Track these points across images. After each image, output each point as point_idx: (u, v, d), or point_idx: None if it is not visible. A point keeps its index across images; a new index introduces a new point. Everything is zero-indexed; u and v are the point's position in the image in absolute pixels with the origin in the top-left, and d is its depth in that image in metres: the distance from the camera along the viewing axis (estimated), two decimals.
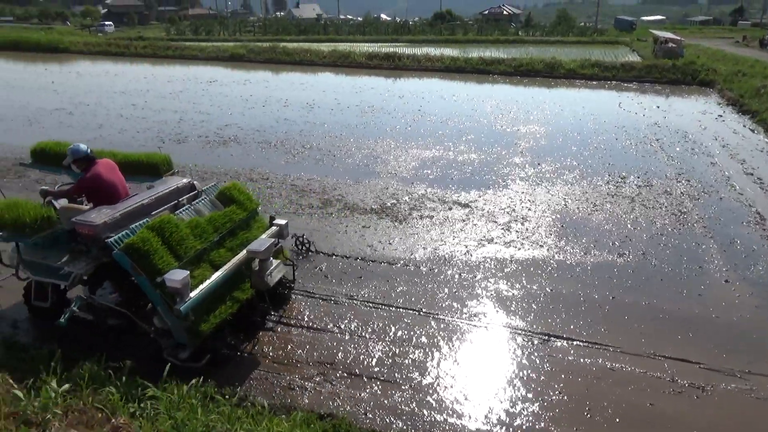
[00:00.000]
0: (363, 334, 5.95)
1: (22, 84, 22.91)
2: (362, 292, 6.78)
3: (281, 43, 36.03)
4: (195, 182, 6.44)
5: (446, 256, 7.79)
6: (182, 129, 15.08)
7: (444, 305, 6.53)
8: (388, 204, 9.70)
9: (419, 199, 9.97)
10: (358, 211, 9.36)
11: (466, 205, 9.67)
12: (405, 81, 25.52)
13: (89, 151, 5.86)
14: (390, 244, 8.16)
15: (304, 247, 7.83)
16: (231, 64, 31.07)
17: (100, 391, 4.33)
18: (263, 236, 6.04)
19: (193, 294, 5.02)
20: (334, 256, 7.73)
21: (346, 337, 5.89)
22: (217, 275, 5.36)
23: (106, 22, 78.31)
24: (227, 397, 4.81)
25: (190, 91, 21.54)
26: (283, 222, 6.49)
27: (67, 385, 4.09)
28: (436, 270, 7.38)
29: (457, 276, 7.23)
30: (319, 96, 20.49)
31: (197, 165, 11.78)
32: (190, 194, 6.25)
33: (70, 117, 16.54)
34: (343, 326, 6.09)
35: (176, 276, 4.89)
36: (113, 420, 3.92)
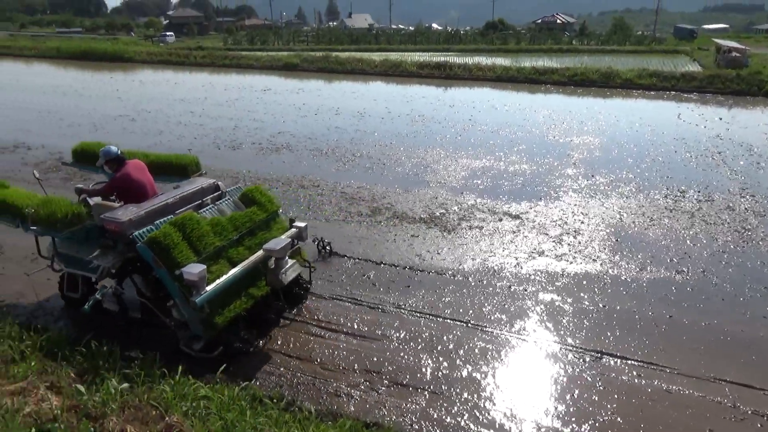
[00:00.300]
0: (410, 343, 5.93)
1: (89, 91, 24.08)
2: (410, 302, 6.77)
3: (334, 53, 36.59)
4: (220, 183, 6.70)
5: (495, 267, 7.69)
6: (237, 136, 15.50)
7: (493, 318, 6.44)
8: (437, 213, 9.67)
9: (469, 209, 9.89)
10: (406, 220, 9.37)
11: (516, 217, 9.53)
12: (456, 90, 25.45)
13: (120, 152, 6.26)
14: (438, 254, 8.12)
15: (324, 250, 8.00)
16: (285, 73, 31.76)
17: (155, 388, 4.46)
18: (282, 237, 6.18)
19: (209, 288, 5.24)
20: (382, 264, 7.74)
21: (393, 346, 5.88)
22: (233, 271, 5.56)
23: (168, 33, 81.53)
24: (275, 401, 4.88)
25: (245, 99, 22.13)
26: (302, 224, 6.64)
27: (126, 384, 4.26)
28: (484, 281, 7.29)
29: (506, 288, 7.12)
30: (369, 105, 20.68)
31: (250, 171, 12.07)
32: (215, 195, 6.52)
33: (132, 123, 17.26)
34: (390, 335, 6.08)
35: (193, 269, 5.11)
36: (167, 418, 4.04)
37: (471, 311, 6.56)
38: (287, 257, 6.07)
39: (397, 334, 6.10)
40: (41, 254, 6.46)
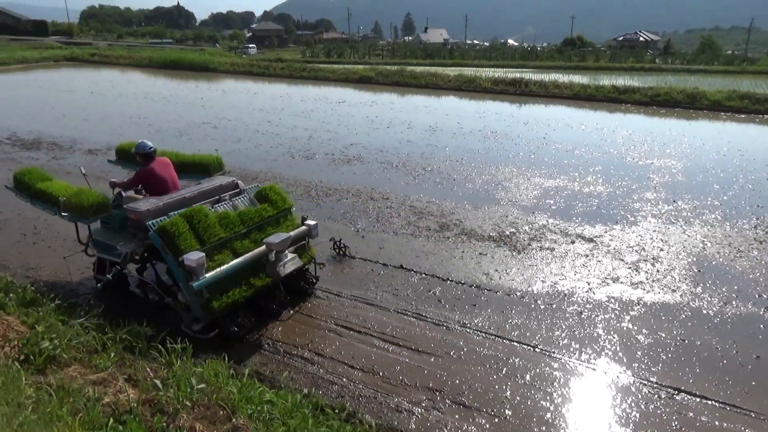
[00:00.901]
0: (474, 364, 5.82)
1: (176, 99, 25.47)
2: (476, 321, 6.66)
3: (408, 67, 36.97)
4: (238, 182, 7.19)
5: (566, 291, 7.44)
6: (311, 146, 15.90)
7: (561, 344, 6.22)
8: (507, 232, 9.49)
9: (540, 229, 9.65)
10: (475, 238, 9.25)
11: (590, 240, 9.20)
12: (530, 107, 25.03)
13: (152, 149, 6.91)
14: (507, 273, 7.96)
15: (340, 251, 8.38)
16: (359, 85, 32.32)
17: (224, 389, 4.59)
18: (292, 233, 6.59)
19: (208, 274, 5.69)
20: (448, 281, 7.67)
21: (457, 365, 5.79)
22: (234, 262, 6.02)
23: (250, 45, 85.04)
24: (336, 411, 4.91)
25: (320, 110, 22.69)
26: (312, 223, 7.10)
27: (203, 385, 4.41)
28: (554, 305, 7.07)
29: (577, 314, 6.86)
30: (442, 119, 20.67)
31: (322, 181, 12.32)
32: (233, 192, 6.99)
33: (214, 130, 18.08)
34: (454, 353, 6.00)
35: (193, 257, 5.56)
36: (233, 419, 4.16)
37: (539, 335, 6.37)
38: (287, 252, 6.46)
39: (462, 353, 6.00)
40: (79, 240, 7.13)
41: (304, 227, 6.99)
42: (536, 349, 6.09)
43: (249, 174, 12.72)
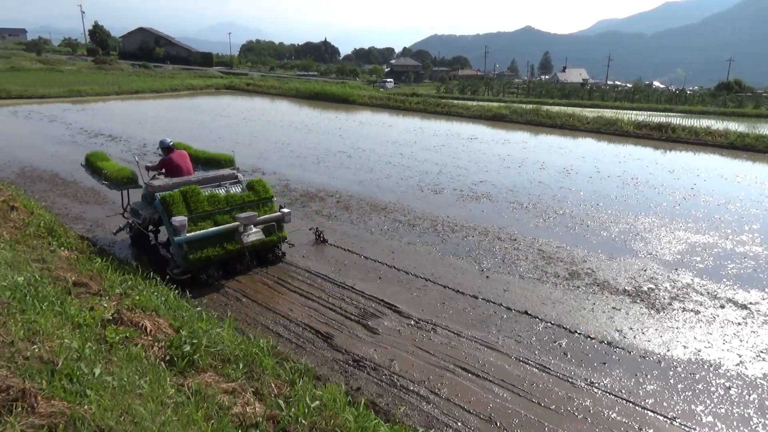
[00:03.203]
0: (601, 428, 5.39)
1: (317, 128, 27.06)
2: (605, 381, 6.19)
3: (544, 106, 36.22)
4: (238, 174, 9.42)
5: (712, 362, 6.69)
6: (440, 181, 16.02)
7: (704, 420, 5.57)
8: (645, 288, 8.79)
9: (683, 288, 8.82)
10: (608, 290, 8.68)
11: (743, 306, 8.24)
12: (677, 154, 23.27)
13: (171, 144, 9.48)
14: (642, 333, 7.34)
15: (320, 238, 10.36)
16: (492, 123, 32.17)
17: (341, 416, 4.65)
18: (263, 216, 8.72)
19: (189, 234, 7.85)
20: (576, 333, 7.24)
21: (581, 427, 5.39)
22: (211, 229, 8.13)
23: (387, 79, 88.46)
24: None
25: (451, 145, 22.87)
26: (286, 211, 9.13)
27: (317, 402, 4.53)
28: (697, 376, 6.37)
29: (724, 389, 6.13)
30: (577, 162, 19.88)
31: (449, 216, 12.32)
32: (232, 181, 9.18)
33: (348, 159, 18.91)
34: (578, 413, 5.60)
35: (178, 219, 7.79)
36: None
37: (677, 407, 5.76)
38: (253, 227, 8.38)
39: (588, 414, 5.59)
40: (122, 207, 9.84)
41: (276, 213, 8.96)
42: (674, 423, 5.51)
43: (378, 204, 13.09)
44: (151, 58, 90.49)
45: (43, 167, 16.20)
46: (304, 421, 4.34)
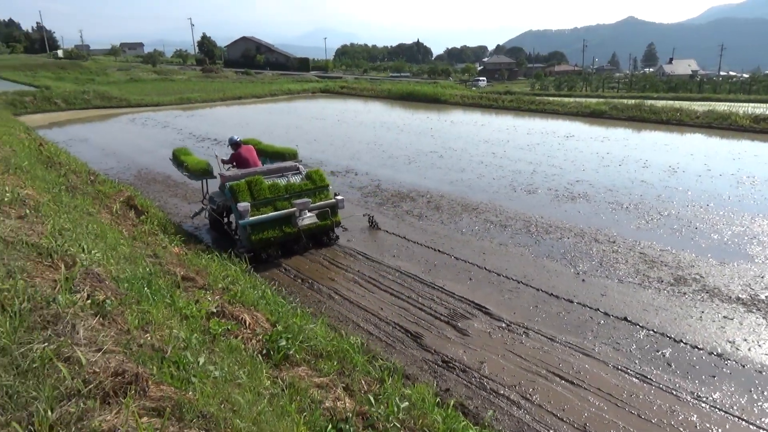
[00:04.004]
0: None
1: (409, 128, 27.21)
2: (714, 396, 5.74)
3: (647, 101, 34.09)
4: (300, 166, 10.46)
5: None
6: (534, 180, 15.58)
7: None
8: (762, 296, 8.05)
9: None
10: (719, 297, 8.04)
11: None
12: None
13: (239, 140, 10.92)
14: (759, 346, 6.73)
15: (372, 224, 11.21)
16: (590, 120, 30.79)
17: (429, 416, 4.66)
18: (318, 203, 9.79)
19: (252, 218, 8.99)
20: (681, 343, 6.77)
21: None
22: (271, 214, 9.23)
23: (480, 78, 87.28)
24: None
25: (546, 144, 22.15)
26: (340, 197, 10.11)
27: (407, 403, 4.57)
28: None
29: None
30: (684, 159, 18.56)
31: (543, 217, 11.96)
32: (294, 171, 10.17)
33: (440, 159, 18.86)
34: (683, 429, 5.23)
35: (242, 205, 8.92)
36: None
37: None
38: (307, 212, 9.58)
39: (693, 430, 5.21)
40: (203, 194, 11.20)
41: (330, 200, 9.93)
42: None
43: (470, 204, 12.96)
44: (252, 65, 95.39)
45: (157, 170, 17.56)
46: (394, 420, 4.39)
